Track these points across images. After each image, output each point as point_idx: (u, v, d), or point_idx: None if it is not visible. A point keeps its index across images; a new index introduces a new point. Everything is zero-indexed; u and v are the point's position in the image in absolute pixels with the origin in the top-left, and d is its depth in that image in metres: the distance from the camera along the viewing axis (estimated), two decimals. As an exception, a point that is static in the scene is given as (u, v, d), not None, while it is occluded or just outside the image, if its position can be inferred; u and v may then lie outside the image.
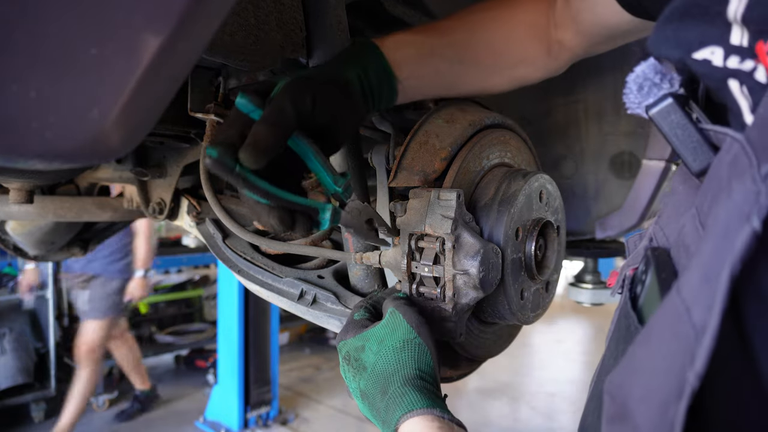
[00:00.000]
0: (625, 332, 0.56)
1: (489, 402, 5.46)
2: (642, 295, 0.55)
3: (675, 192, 0.63)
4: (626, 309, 0.57)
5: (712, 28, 0.48)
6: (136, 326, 5.87)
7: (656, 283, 0.51)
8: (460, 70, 0.92)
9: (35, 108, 0.44)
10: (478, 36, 0.91)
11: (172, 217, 1.49)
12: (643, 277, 0.57)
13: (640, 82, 0.56)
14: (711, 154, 0.51)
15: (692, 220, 0.50)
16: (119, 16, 0.45)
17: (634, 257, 0.65)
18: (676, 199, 0.62)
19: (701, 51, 0.49)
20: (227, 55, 0.87)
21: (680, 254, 0.52)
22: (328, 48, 0.98)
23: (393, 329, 0.76)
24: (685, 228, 0.51)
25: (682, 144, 0.52)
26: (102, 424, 4.85)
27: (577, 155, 1.60)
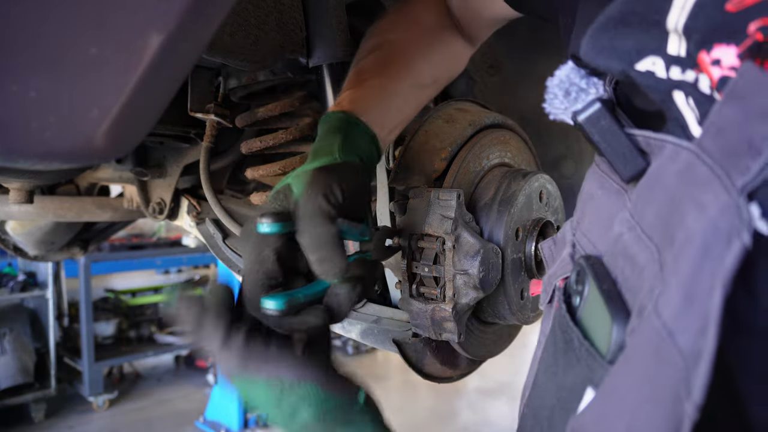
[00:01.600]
0: (565, 346, 0.54)
1: (489, 402, 5.46)
2: (581, 307, 0.53)
3: (593, 197, 0.61)
4: (565, 322, 0.54)
5: (649, 38, 0.47)
6: (136, 326, 5.86)
7: (599, 294, 0.49)
8: (412, 96, 0.91)
9: (35, 108, 0.44)
10: (412, 56, 0.90)
11: (172, 217, 1.49)
12: (578, 287, 0.54)
13: (566, 87, 0.54)
14: (642, 161, 0.50)
15: (630, 229, 0.48)
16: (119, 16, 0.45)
17: (562, 266, 0.62)
18: (596, 205, 0.60)
19: (643, 62, 0.47)
20: (227, 55, 0.87)
21: (618, 263, 0.50)
22: (328, 48, 0.98)
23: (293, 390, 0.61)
24: (624, 237, 0.49)
25: (612, 150, 0.51)
26: (102, 424, 4.84)
27: (577, 155, 1.60)
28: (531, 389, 0.64)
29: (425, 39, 0.92)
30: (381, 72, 0.86)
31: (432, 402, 5.46)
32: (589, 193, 0.62)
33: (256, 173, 1.15)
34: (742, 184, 0.36)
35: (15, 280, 4.99)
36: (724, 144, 0.39)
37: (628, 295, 0.48)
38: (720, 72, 0.41)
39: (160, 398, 5.39)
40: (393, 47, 0.89)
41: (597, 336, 0.50)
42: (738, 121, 0.38)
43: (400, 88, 0.88)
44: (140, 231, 6.08)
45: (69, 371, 5.29)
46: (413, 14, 0.94)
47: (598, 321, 0.49)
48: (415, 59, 0.90)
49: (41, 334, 5.12)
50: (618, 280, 0.50)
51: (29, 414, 4.81)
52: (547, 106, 0.56)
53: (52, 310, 5.06)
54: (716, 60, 0.41)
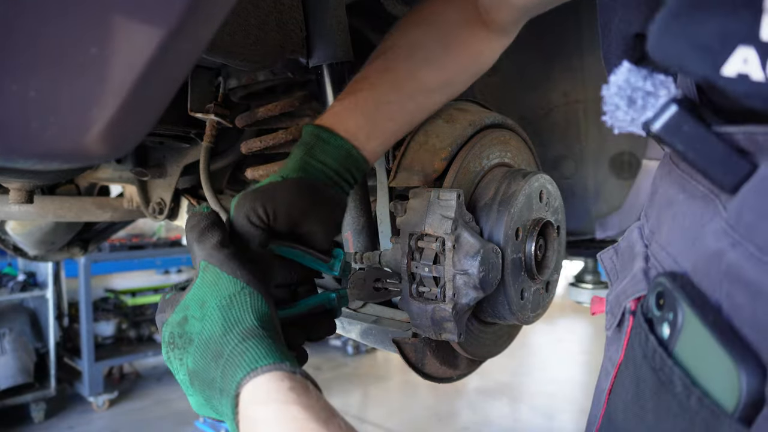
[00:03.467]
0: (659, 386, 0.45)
1: (489, 402, 5.46)
2: (675, 340, 0.44)
3: (671, 203, 0.53)
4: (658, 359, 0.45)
5: (736, 22, 0.37)
6: (136, 326, 5.86)
7: (703, 328, 0.40)
8: (411, 103, 0.87)
9: (35, 108, 0.44)
10: (417, 62, 0.85)
11: (172, 217, 1.49)
12: (666, 314, 0.45)
13: (628, 94, 0.45)
14: (746, 164, 0.41)
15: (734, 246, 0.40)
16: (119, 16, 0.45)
17: (632, 284, 0.54)
18: (676, 212, 0.51)
19: (731, 61, 0.38)
20: (227, 55, 0.87)
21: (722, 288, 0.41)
22: (328, 48, 0.98)
23: (212, 285, 0.61)
24: (729, 256, 0.40)
25: (704, 158, 0.42)
26: (102, 424, 4.84)
27: (577, 155, 1.60)
28: (603, 427, 0.56)
29: (438, 40, 0.87)
30: (376, 81, 0.83)
31: (432, 402, 5.46)
32: (667, 198, 0.53)
33: (256, 173, 1.15)
34: None
35: (15, 280, 4.99)
36: None
37: (748, 331, 0.39)
38: None
39: (160, 398, 5.39)
40: (397, 53, 0.85)
41: (711, 383, 0.40)
42: None
43: (396, 97, 0.84)
44: (140, 231, 6.08)
45: (69, 371, 5.29)
46: (433, 12, 0.88)
47: (708, 363, 0.40)
48: (418, 65, 0.85)
49: (41, 334, 5.12)
50: (723, 308, 0.41)
51: (29, 414, 4.81)
52: (608, 119, 0.47)
53: (52, 310, 5.05)
54: None
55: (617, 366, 0.54)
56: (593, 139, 1.58)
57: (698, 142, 0.42)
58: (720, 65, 0.38)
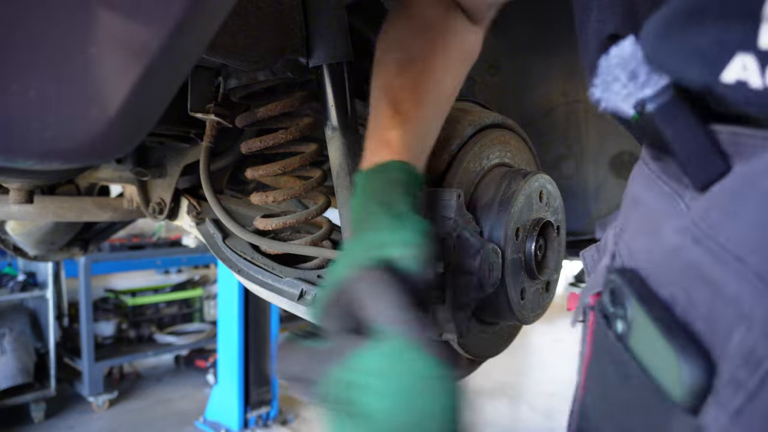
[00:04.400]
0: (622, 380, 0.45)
1: (489, 402, 5.46)
2: (629, 336, 0.44)
3: (638, 201, 0.53)
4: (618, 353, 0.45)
5: (735, 30, 0.37)
6: (136, 326, 5.86)
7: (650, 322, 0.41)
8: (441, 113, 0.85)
9: (35, 108, 0.44)
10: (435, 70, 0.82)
11: (172, 217, 1.49)
12: (618, 310, 0.46)
13: (632, 67, 0.43)
14: (722, 164, 0.41)
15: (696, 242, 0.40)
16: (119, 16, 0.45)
17: (595, 279, 0.55)
18: (643, 211, 0.52)
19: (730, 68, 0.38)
20: (227, 55, 0.87)
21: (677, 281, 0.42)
22: (328, 48, 0.98)
23: (403, 360, 0.50)
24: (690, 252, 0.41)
25: (688, 150, 0.42)
26: (102, 424, 4.84)
27: (577, 155, 1.60)
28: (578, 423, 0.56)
29: (443, 42, 0.84)
30: (417, 99, 0.78)
31: (432, 402, 5.45)
32: (634, 197, 0.54)
33: (256, 173, 1.15)
34: None
35: (15, 280, 4.99)
36: None
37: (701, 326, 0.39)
38: None
39: (160, 398, 5.39)
40: (420, 65, 0.80)
41: (661, 375, 0.41)
42: None
43: (435, 113, 0.82)
44: (140, 231, 6.08)
45: (69, 371, 5.29)
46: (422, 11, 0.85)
47: (657, 355, 0.41)
48: (441, 73, 0.82)
49: (41, 334, 5.12)
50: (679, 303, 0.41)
51: (29, 414, 4.81)
52: (597, 91, 0.45)
53: (52, 310, 5.05)
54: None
55: (585, 362, 0.55)
56: (593, 139, 1.58)
57: (685, 132, 0.42)
58: (719, 72, 0.38)
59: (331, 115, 0.98)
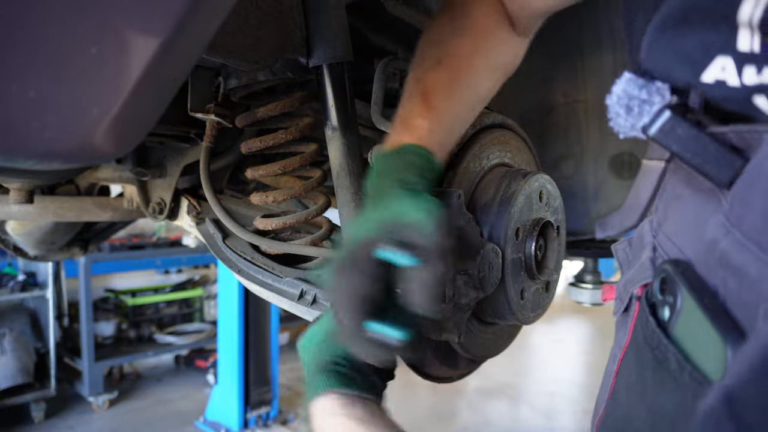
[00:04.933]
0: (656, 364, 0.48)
1: (489, 402, 5.46)
2: (674, 321, 0.47)
3: (678, 196, 0.56)
4: (656, 338, 0.48)
5: (716, 35, 0.42)
6: (136, 326, 5.87)
7: (699, 309, 0.43)
8: (472, 113, 0.87)
9: (35, 108, 0.44)
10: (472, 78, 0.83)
11: (172, 217, 1.49)
12: (667, 298, 0.48)
13: (625, 102, 0.49)
14: (737, 160, 0.43)
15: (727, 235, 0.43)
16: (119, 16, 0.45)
17: (640, 271, 0.57)
18: (683, 205, 0.54)
19: (710, 69, 0.42)
20: (227, 55, 0.87)
21: (717, 274, 0.44)
22: (328, 48, 0.98)
23: (322, 323, 0.74)
24: (721, 244, 0.43)
25: (700, 157, 0.45)
26: (102, 424, 4.84)
27: (577, 155, 1.60)
28: (608, 407, 0.59)
29: (485, 45, 0.84)
30: (448, 95, 0.80)
31: (432, 402, 5.46)
32: (674, 193, 0.57)
33: (256, 173, 1.15)
34: None
35: (15, 280, 4.99)
36: None
37: (737, 311, 0.42)
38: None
39: (160, 398, 5.39)
40: (456, 62, 0.82)
41: (702, 358, 0.44)
42: None
43: (465, 110, 0.84)
44: (140, 231, 6.08)
45: (69, 371, 5.29)
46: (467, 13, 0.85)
47: (701, 341, 0.43)
48: (478, 74, 0.83)
49: (41, 334, 5.12)
50: (719, 292, 0.44)
51: (29, 414, 4.80)
52: (612, 125, 0.51)
53: (52, 310, 5.05)
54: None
55: (623, 349, 0.57)
56: (593, 139, 1.58)
57: (692, 143, 0.45)
58: (700, 72, 0.43)
59: (331, 115, 0.98)
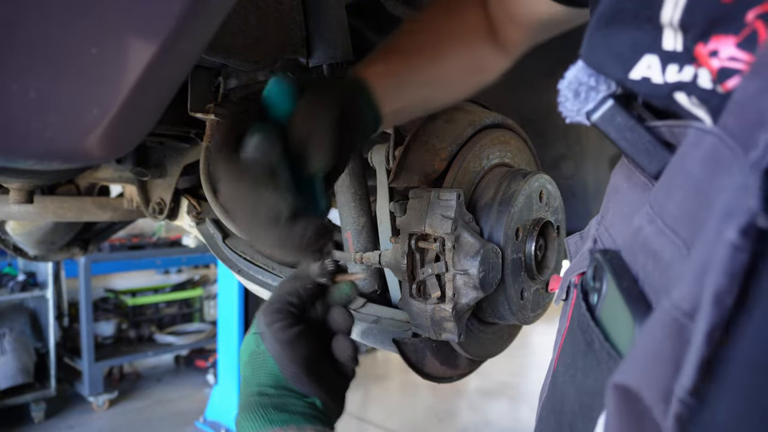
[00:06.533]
0: (585, 347, 0.51)
1: (489, 402, 5.46)
2: (599, 305, 0.50)
3: (618, 190, 0.59)
4: (584, 321, 0.51)
5: (643, 34, 0.45)
6: (136, 326, 5.87)
7: (618, 292, 0.46)
8: (428, 94, 0.86)
9: (35, 108, 0.44)
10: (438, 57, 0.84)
11: (172, 217, 1.49)
12: (596, 284, 0.52)
13: (575, 87, 0.52)
14: (667, 153, 0.47)
15: (651, 222, 0.45)
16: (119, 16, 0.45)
17: (579, 261, 0.60)
18: (620, 198, 0.58)
19: (637, 67, 0.45)
20: (227, 55, 0.87)
21: (639, 259, 0.47)
22: (328, 48, 0.98)
23: (246, 342, 0.70)
24: (644, 231, 0.46)
25: (633, 147, 0.49)
26: (102, 424, 4.84)
27: (577, 155, 1.60)
28: (548, 391, 0.61)
29: (460, 37, 0.86)
30: (408, 62, 0.81)
31: (432, 402, 5.46)
32: (615, 186, 0.60)
33: (256, 173, 1.15)
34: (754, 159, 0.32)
35: (15, 280, 4.99)
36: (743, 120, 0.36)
37: (650, 293, 0.45)
38: (719, 63, 0.40)
39: (160, 398, 5.39)
40: (424, 39, 0.84)
41: (618, 337, 0.47)
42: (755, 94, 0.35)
43: (421, 87, 0.83)
44: (140, 231, 6.08)
45: (69, 371, 5.29)
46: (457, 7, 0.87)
47: (618, 321, 0.47)
48: (446, 56, 0.84)
49: (41, 334, 5.12)
50: (639, 277, 0.47)
51: (29, 414, 4.80)
52: (561, 109, 0.54)
53: (52, 310, 5.05)
54: (714, 51, 0.40)
55: (563, 335, 0.60)
56: (593, 139, 1.58)
57: (629, 132, 0.49)
58: (629, 69, 0.46)
59: (331, 115, 0.98)
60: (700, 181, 0.40)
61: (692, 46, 0.42)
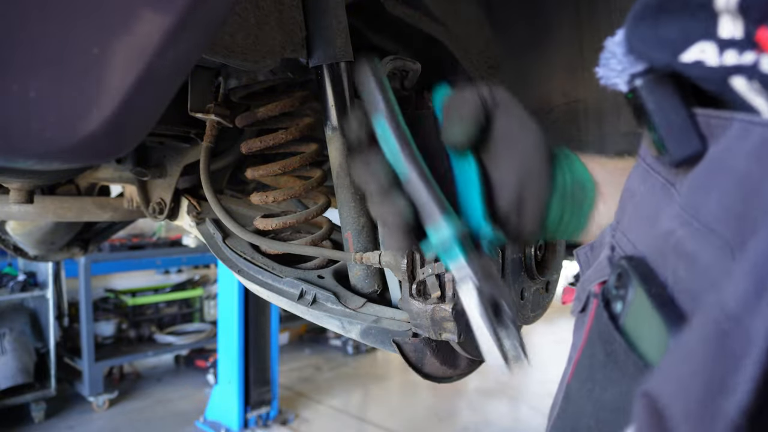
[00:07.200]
0: (605, 358, 0.49)
1: (489, 402, 5.46)
2: (624, 314, 0.48)
3: (634, 194, 0.57)
4: (607, 331, 0.49)
5: (696, 23, 0.42)
6: (136, 326, 5.87)
7: (647, 299, 0.44)
8: None
9: (35, 108, 0.44)
10: None
11: (172, 217, 1.49)
12: (619, 292, 0.49)
13: (630, 44, 0.48)
14: (698, 143, 0.44)
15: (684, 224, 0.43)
16: (119, 17, 0.45)
17: (597, 270, 0.58)
18: (637, 202, 0.55)
19: (689, 51, 0.42)
20: (227, 55, 0.87)
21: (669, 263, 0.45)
22: (328, 48, 0.98)
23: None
24: (677, 234, 0.44)
25: (668, 125, 0.45)
26: (102, 424, 4.85)
27: (577, 155, 1.60)
28: (560, 408, 0.59)
29: None
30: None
31: (432, 402, 5.46)
32: (630, 190, 0.58)
33: (256, 173, 1.15)
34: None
35: (15, 280, 4.99)
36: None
37: (683, 298, 0.43)
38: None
39: (160, 398, 5.39)
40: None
41: (647, 347, 0.44)
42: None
43: None
44: (140, 231, 6.09)
45: (69, 371, 5.29)
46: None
47: (647, 329, 0.44)
48: None
49: (41, 334, 5.13)
50: (668, 283, 0.44)
51: (29, 414, 4.81)
52: (600, 69, 0.50)
53: (52, 310, 5.05)
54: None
55: (579, 349, 0.57)
56: (593, 139, 1.57)
57: (668, 107, 0.46)
58: (679, 53, 0.43)
59: (331, 115, 0.98)
60: (747, 177, 0.37)
61: (753, 30, 0.39)
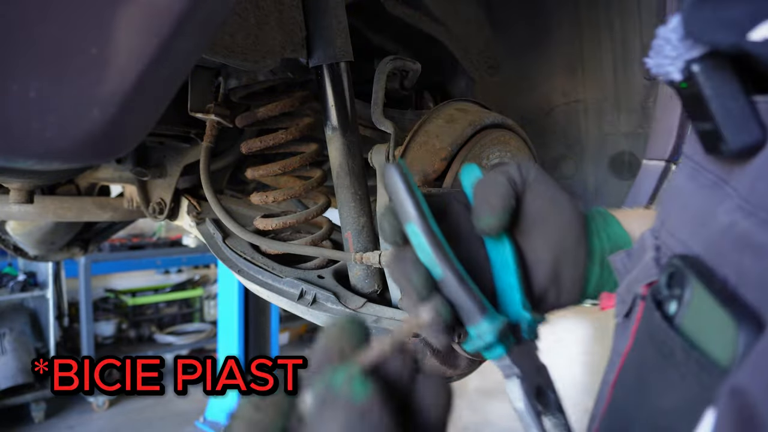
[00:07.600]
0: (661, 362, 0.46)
1: (489, 402, 5.46)
2: (681, 314, 0.45)
3: (680, 192, 0.55)
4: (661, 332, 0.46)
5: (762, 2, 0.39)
6: (136, 326, 5.86)
7: (709, 296, 0.42)
8: None
9: (35, 108, 0.44)
10: None
11: (172, 217, 1.49)
12: (674, 292, 0.47)
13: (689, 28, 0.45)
14: (759, 132, 0.42)
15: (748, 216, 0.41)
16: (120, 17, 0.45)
17: (644, 271, 0.55)
18: (685, 201, 0.53)
19: (758, 29, 0.40)
20: (227, 55, 0.87)
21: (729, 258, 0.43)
22: (328, 48, 0.98)
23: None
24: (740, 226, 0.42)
25: (726, 113, 0.43)
26: (102, 424, 4.85)
27: (577, 155, 1.60)
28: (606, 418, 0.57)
29: None
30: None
31: (432, 402, 5.45)
32: (678, 189, 0.56)
33: (256, 173, 1.15)
34: None
35: (15, 280, 4.99)
36: None
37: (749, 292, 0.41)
38: None
39: (160, 398, 5.38)
40: None
41: (711, 344, 0.42)
42: None
43: None
44: (140, 231, 6.08)
45: (69, 371, 5.29)
46: None
47: (710, 327, 0.42)
48: None
49: (41, 334, 5.12)
50: (729, 278, 0.43)
51: (29, 414, 4.81)
52: (651, 57, 0.48)
53: (52, 310, 5.05)
54: None
55: (624, 355, 0.55)
56: (593, 139, 1.58)
57: (726, 93, 0.43)
58: (747, 32, 0.40)
59: (331, 115, 0.99)
60: None
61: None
